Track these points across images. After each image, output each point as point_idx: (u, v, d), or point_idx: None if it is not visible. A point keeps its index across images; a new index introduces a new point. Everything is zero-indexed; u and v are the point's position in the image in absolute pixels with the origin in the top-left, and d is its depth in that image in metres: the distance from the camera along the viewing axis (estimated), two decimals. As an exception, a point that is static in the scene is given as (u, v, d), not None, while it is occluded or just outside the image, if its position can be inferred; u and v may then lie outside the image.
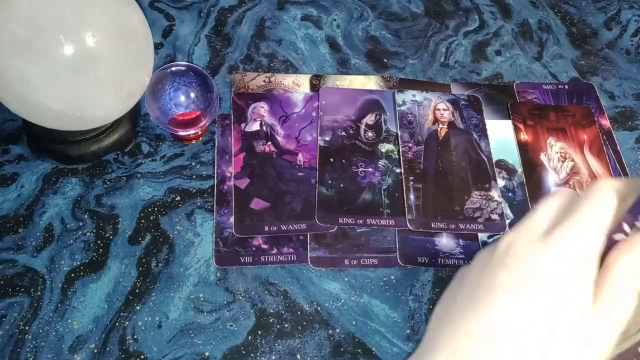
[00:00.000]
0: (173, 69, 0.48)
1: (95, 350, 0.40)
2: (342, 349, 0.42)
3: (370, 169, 0.50)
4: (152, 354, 0.40)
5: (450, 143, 0.52)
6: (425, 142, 0.52)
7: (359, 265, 0.45)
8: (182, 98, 0.48)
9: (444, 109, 0.54)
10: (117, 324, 0.41)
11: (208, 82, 0.48)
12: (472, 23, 0.63)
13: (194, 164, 0.50)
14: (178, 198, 0.48)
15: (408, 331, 0.43)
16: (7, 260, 0.44)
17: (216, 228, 0.46)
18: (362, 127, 0.52)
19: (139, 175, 0.49)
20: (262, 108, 0.53)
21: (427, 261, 0.46)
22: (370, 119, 0.53)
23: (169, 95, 0.47)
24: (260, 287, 0.44)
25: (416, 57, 0.59)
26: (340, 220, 0.47)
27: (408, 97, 0.54)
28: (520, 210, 0.49)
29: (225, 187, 0.48)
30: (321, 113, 0.52)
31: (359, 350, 0.42)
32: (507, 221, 0.48)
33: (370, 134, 0.52)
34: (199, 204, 0.47)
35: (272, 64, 0.57)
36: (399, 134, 0.52)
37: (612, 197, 0.23)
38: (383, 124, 0.53)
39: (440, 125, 0.53)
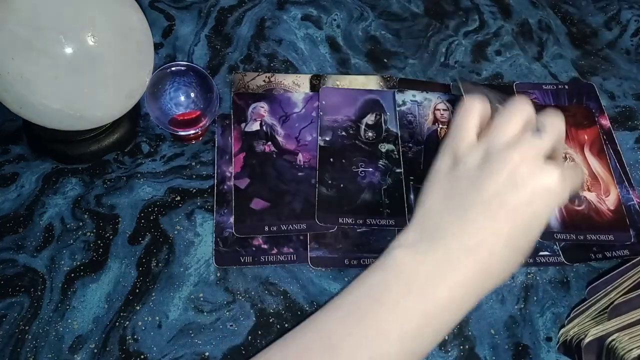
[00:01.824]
0: (173, 69, 0.48)
1: (95, 350, 0.40)
2: (342, 349, 0.42)
3: (370, 169, 0.50)
4: (152, 354, 0.40)
5: (450, 143, 0.52)
6: (425, 142, 0.52)
7: (359, 265, 0.45)
8: (182, 98, 0.48)
9: (444, 109, 0.54)
10: (117, 324, 0.41)
11: (208, 82, 0.48)
12: (472, 23, 0.63)
13: (194, 164, 0.50)
14: (178, 198, 0.48)
15: (408, 331, 0.43)
16: (7, 260, 0.44)
17: (216, 228, 0.46)
18: (362, 127, 0.52)
19: (139, 175, 0.49)
20: (262, 108, 0.53)
21: (427, 261, 0.46)
22: (370, 118, 0.53)
23: (169, 95, 0.47)
24: (260, 287, 0.44)
25: (416, 57, 0.60)
26: (340, 220, 0.47)
27: (408, 98, 0.55)
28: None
29: (225, 187, 0.48)
30: (321, 113, 0.52)
31: (359, 350, 0.42)
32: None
33: (370, 133, 0.52)
34: (199, 204, 0.47)
35: (272, 64, 0.57)
36: (399, 134, 0.52)
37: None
38: (383, 124, 0.53)
39: (441, 126, 0.53)
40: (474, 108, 0.35)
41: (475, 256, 0.32)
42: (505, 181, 0.32)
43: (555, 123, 0.35)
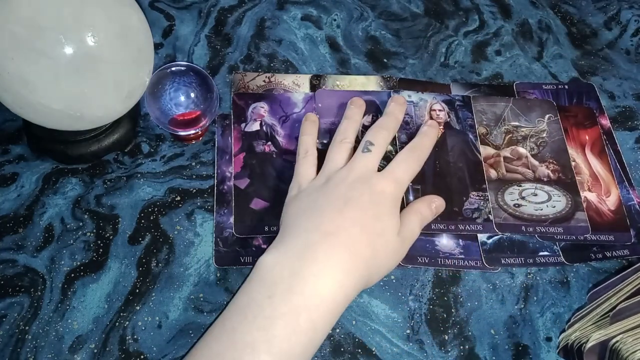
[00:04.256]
0: (173, 69, 0.48)
1: (95, 350, 0.40)
2: (342, 349, 0.42)
3: (370, 169, 0.50)
4: (152, 354, 0.40)
5: (447, 144, 0.52)
6: (425, 142, 0.52)
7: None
8: (182, 98, 0.48)
9: (439, 110, 0.54)
10: (117, 324, 0.41)
11: (208, 82, 0.48)
12: (472, 23, 0.63)
13: (194, 164, 0.50)
14: (178, 198, 0.48)
15: (408, 331, 0.43)
16: (7, 260, 0.44)
17: (216, 228, 0.46)
18: (360, 128, 0.52)
19: (139, 175, 0.49)
20: (262, 108, 0.53)
21: (427, 261, 0.46)
22: (367, 119, 0.53)
23: (169, 95, 0.47)
24: (260, 287, 0.44)
25: (416, 57, 0.60)
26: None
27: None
28: (520, 210, 0.49)
29: (225, 187, 0.48)
30: (318, 116, 0.52)
31: (359, 350, 0.42)
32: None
33: (370, 134, 0.52)
34: (199, 204, 0.47)
35: (272, 64, 0.57)
36: (396, 135, 0.52)
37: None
38: (383, 124, 0.52)
39: (439, 126, 0.53)
40: (308, 154, 0.45)
41: (333, 238, 0.35)
42: (346, 190, 0.38)
43: (379, 135, 0.43)
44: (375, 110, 0.53)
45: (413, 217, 0.42)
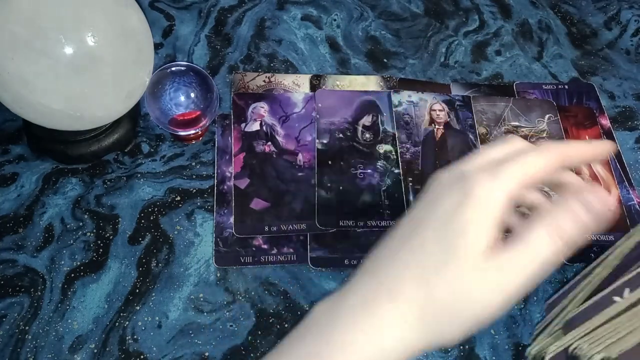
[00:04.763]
0: (173, 69, 0.48)
1: (95, 350, 0.40)
2: (342, 349, 0.42)
3: (369, 170, 0.50)
4: (152, 354, 0.40)
5: (447, 144, 0.52)
6: (422, 143, 0.52)
7: (359, 265, 0.45)
8: (182, 98, 0.48)
9: (439, 110, 0.54)
10: (117, 324, 0.41)
11: (208, 82, 0.48)
12: (472, 23, 0.63)
13: (194, 164, 0.50)
14: (178, 198, 0.48)
15: (408, 331, 0.43)
16: (7, 260, 0.44)
17: (216, 228, 0.46)
18: (360, 128, 0.52)
19: (139, 175, 0.49)
20: (262, 108, 0.53)
21: (427, 261, 0.46)
22: (367, 120, 0.53)
23: (169, 95, 0.47)
24: (260, 287, 0.44)
25: (416, 57, 0.59)
26: (340, 223, 0.47)
27: (404, 98, 0.54)
28: (520, 211, 0.49)
29: (225, 187, 0.48)
30: (318, 116, 0.52)
31: (359, 351, 0.42)
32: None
33: (367, 135, 0.52)
34: (199, 204, 0.47)
35: (272, 64, 0.57)
36: (397, 135, 0.52)
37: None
38: (380, 125, 0.53)
39: (437, 126, 0.53)
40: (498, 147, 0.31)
41: (383, 294, 0.28)
42: (422, 205, 0.28)
43: (516, 142, 0.30)
44: (375, 110, 0.53)
45: (541, 231, 0.25)
